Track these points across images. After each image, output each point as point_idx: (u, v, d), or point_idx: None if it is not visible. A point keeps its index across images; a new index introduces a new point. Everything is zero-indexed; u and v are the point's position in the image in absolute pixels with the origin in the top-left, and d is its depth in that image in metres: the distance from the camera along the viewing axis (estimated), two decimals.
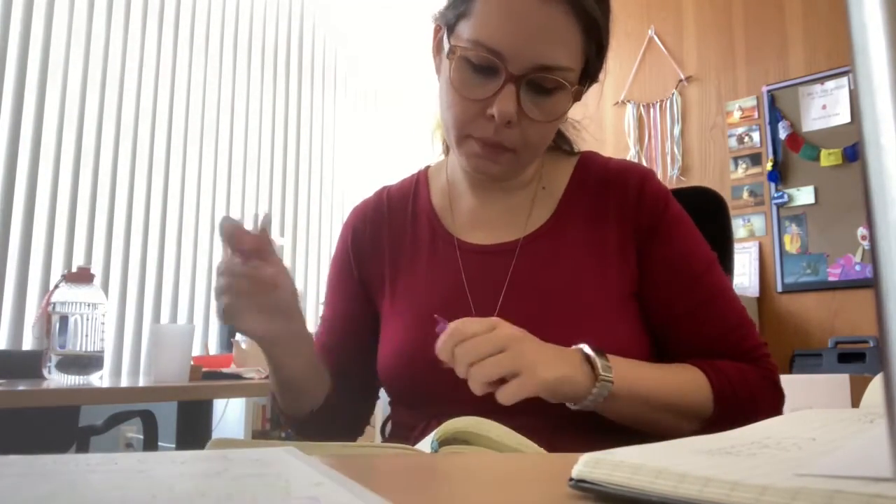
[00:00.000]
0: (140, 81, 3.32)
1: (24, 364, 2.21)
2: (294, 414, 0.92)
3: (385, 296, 0.94)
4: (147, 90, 3.34)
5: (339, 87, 4.20)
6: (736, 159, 3.50)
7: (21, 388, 1.42)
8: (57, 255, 2.97)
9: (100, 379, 1.63)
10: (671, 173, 3.67)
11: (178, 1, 3.51)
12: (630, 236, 0.86)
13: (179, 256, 3.38)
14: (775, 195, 3.33)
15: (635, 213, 0.86)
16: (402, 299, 0.91)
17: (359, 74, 4.25)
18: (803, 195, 3.27)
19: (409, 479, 0.42)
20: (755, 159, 3.44)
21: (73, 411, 2.30)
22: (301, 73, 4.01)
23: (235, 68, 3.71)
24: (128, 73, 3.27)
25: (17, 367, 2.19)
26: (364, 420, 1.01)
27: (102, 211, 3.13)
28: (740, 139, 3.50)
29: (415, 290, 0.91)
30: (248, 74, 3.76)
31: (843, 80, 3.21)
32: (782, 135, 3.34)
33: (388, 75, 4.26)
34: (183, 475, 0.33)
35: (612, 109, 3.91)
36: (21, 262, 2.85)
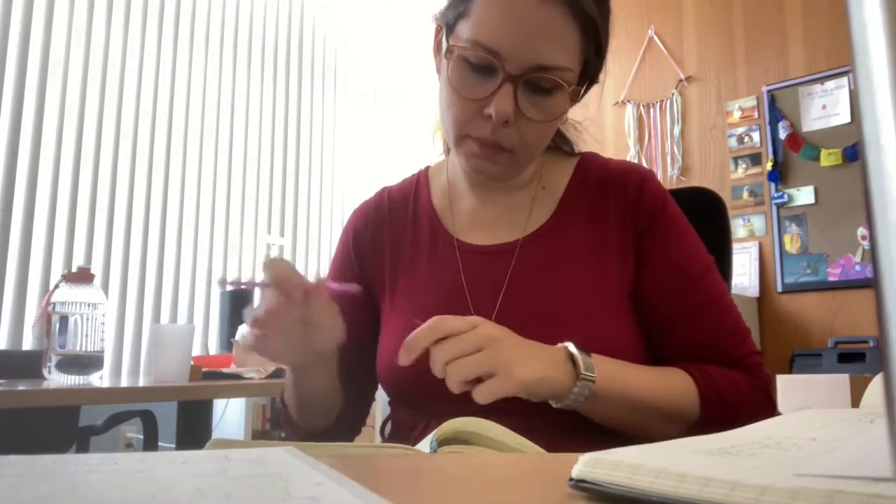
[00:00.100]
0: (140, 81, 3.32)
1: (24, 364, 2.21)
2: (307, 428, 0.92)
3: (385, 296, 0.94)
4: (147, 90, 3.34)
5: (339, 87, 4.20)
6: (736, 159, 3.50)
7: (21, 388, 1.42)
8: (57, 255, 2.97)
9: (100, 379, 1.63)
10: (671, 173, 3.67)
11: (178, 1, 3.51)
12: (629, 236, 0.86)
13: (179, 256, 3.38)
14: (775, 195, 3.33)
15: (634, 212, 0.86)
16: (402, 299, 0.91)
17: (359, 74, 4.26)
18: (803, 195, 3.27)
19: (409, 479, 0.42)
20: (755, 159, 3.44)
21: (73, 411, 2.30)
22: (301, 73, 4.01)
23: (235, 68, 3.71)
24: (128, 73, 3.27)
25: (17, 367, 2.19)
26: (361, 421, 1.01)
27: (102, 211, 3.13)
28: (740, 139, 3.50)
29: (415, 291, 0.91)
30: (248, 74, 3.76)
31: (843, 80, 3.21)
32: (782, 135, 3.34)
33: (388, 75, 4.26)
34: (183, 475, 0.33)
35: (612, 109, 3.91)
36: (21, 262, 2.85)
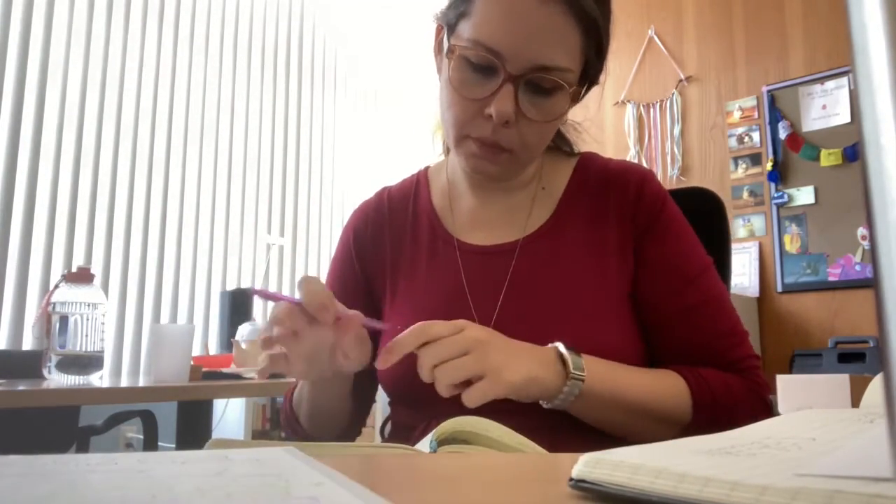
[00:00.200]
0: (140, 81, 3.32)
1: (24, 364, 2.21)
2: (316, 437, 0.91)
3: (386, 296, 0.94)
4: (147, 90, 3.34)
5: (339, 87, 4.20)
6: (736, 159, 3.50)
7: (21, 388, 1.42)
8: (57, 255, 2.97)
9: (100, 379, 1.63)
10: (671, 173, 3.67)
11: (178, 1, 3.51)
12: (629, 236, 0.86)
13: (179, 256, 3.38)
14: (775, 195, 3.33)
15: (634, 212, 0.86)
16: (402, 299, 0.91)
17: (359, 74, 4.26)
18: (803, 195, 3.27)
19: (409, 479, 0.42)
20: (755, 159, 3.44)
21: (73, 411, 2.30)
22: (301, 73, 4.01)
23: (235, 68, 3.71)
24: (128, 73, 3.27)
25: (17, 367, 2.19)
26: (361, 422, 1.01)
27: (102, 211, 3.14)
28: (740, 139, 3.50)
29: (415, 291, 0.91)
30: (248, 74, 3.77)
31: (843, 80, 3.21)
32: (782, 135, 3.34)
33: (388, 75, 4.26)
34: (183, 475, 0.33)
35: (612, 109, 3.91)
36: (21, 262, 2.86)
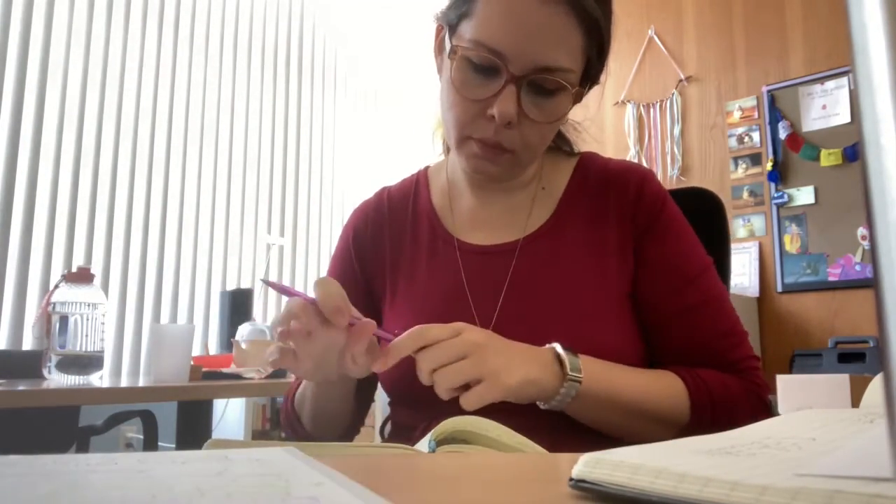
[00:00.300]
0: (140, 81, 3.32)
1: (24, 364, 2.21)
2: (317, 437, 0.91)
3: (386, 296, 0.94)
4: (147, 90, 3.34)
5: (339, 87, 4.20)
6: (736, 159, 3.50)
7: (21, 388, 1.42)
8: (57, 255, 2.97)
9: (100, 379, 1.63)
10: (671, 173, 3.67)
11: (178, 1, 3.51)
12: (629, 236, 0.86)
13: (179, 256, 3.38)
14: (775, 195, 3.33)
15: (634, 212, 0.86)
16: (402, 300, 0.91)
17: (359, 74, 4.26)
18: (803, 195, 3.27)
19: (409, 479, 0.42)
20: (755, 159, 3.44)
21: (73, 411, 2.30)
22: (301, 73, 4.01)
23: (235, 68, 3.71)
24: (128, 73, 3.27)
25: (17, 367, 2.19)
26: (360, 421, 1.01)
27: (102, 211, 3.14)
28: (740, 139, 3.50)
29: (415, 291, 0.91)
30: (248, 74, 3.77)
31: (843, 80, 3.21)
32: (782, 135, 3.34)
33: (388, 75, 4.26)
34: (183, 475, 0.33)
35: (612, 109, 3.91)
36: (21, 262, 2.86)
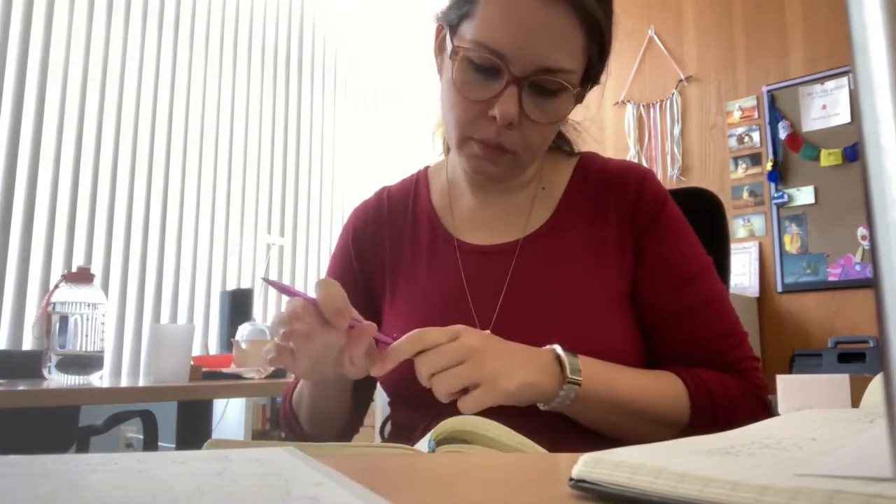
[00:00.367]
0: (140, 81, 3.32)
1: (24, 364, 2.21)
2: (315, 436, 0.91)
3: (385, 296, 0.94)
4: (147, 90, 3.34)
5: (339, 87, 4.20)
6: (736, 159, 3.50)
7: (21, 388, 1.42)
8: (57, 255, 2.97)
9: (100, 379, 1.63)
10: (671, 173, 3.67)
11: (178, 1, 3.51)
12: (628, 236, 0.86)
13: (179, 256, 3.38)
14: (775, 195, 3.33)
15: (634, 212, 0.86)
16: (402, 299, 0.91)
17: (359, 74, 4.26)
18: (803, 195, 3.27)
19: (409, 479, 0.42)
20: (755, 159, 3.44)
21: (73, 411, 2.30)
22: (301, 73, 4.01)
23: (235, 68, 3.71)
24: (128, 73, 3.27)
25: (17, 367, 2.19)
26: (359, 421, 1.01)
27: (102, 211, 3.14)
28: (740, 139, 3.50)
29: (415, 291, 0.91)
30: (248, 74, 3.77)
31: (843, 80, 3.21)
32: (782, 135, 3.34)
33: (388, 75, 4.26)
34: (183, 475, 0.33)
35: (612, 109, 3.91)
36: (21, 262, 2.86)
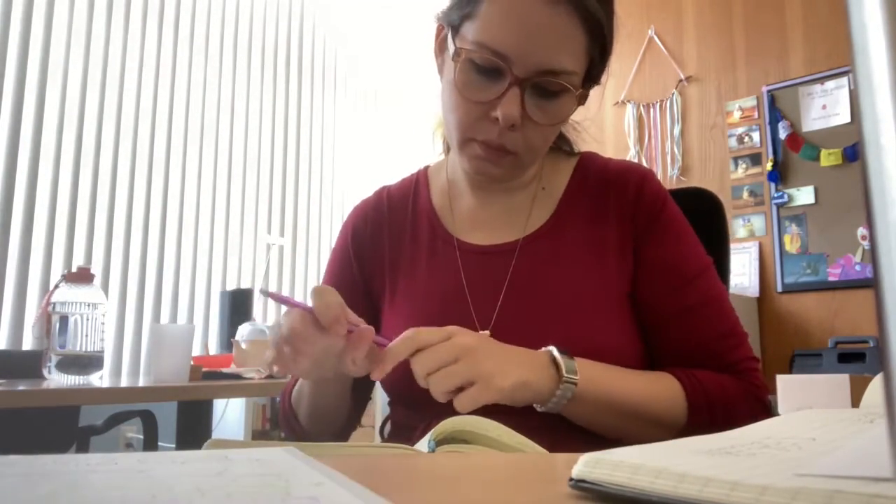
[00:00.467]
0: (140, 81, 3.32)
1: (24, 364, 2.21)
2: (315, 434, 0.91)
3: (385, 295, 0.93)
4: (147, 90, 3.34)
5: (339, 87, 4.20)
6: (736, 159, 3.50)
7: (21, 388, 1.42)
8: (57, 255, 2.97)
9: (100, 379, 1.63)
10: (671, 173, 3.67)
11: (178, 1, 3.51)
12: (628, 236, 0.86)
13: (179, 256, 3.38)
14: (775, 195, 3.33)
15: (633, 212, 0.86)
16: (401, 299, 0.91)
17: (359, 74, 4.26)
18: (803, 195, 3.27)
19: (409, 479, 0.42)
20: (755, 159, 3.44)
21: (73, 411, 2.30)
22: (301, 73, 4.01)
23: (235, 68, 3.71)
24: (128, 73, 3.27)
25: (17, 367, 2.19)
26: (357, 420, 1.00)
27: (102, 211, 3.14)
28: (740, 139, 3.50)
29: (414, 290, 0.90)
30: (248, 74, 3.76)
31: (843, 80, 3.21)
32: (782, 135, 3.34)
33: (388, 75, 4.26)
34: (183, 475, 0.33)
35: (612, 109, 3.91)
36: (21, 262, 2.85)
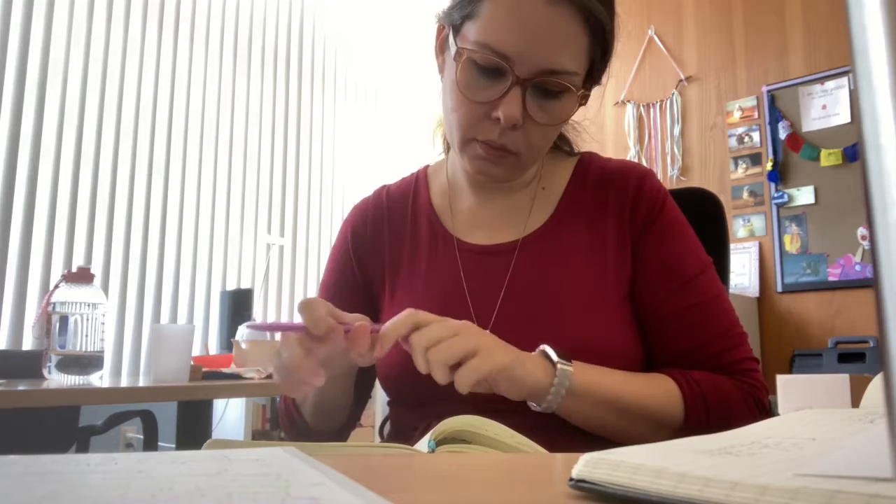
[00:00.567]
0: (140, 81, 3.32)
1: (24, 364, 2.21)
2: (320, 430, 0.91)
3: (384, 294, 0.93)
4: (147, 90, 3.34)
5: (339, 87, 4.20)
6: (736, 159, 3.50)
7: (21, 388, 1.42)
8: (57, 255, 2.97)
9: (100, 379, 1.63)
10: (671, 173, 3.67)
11: (178, 1, 3.51)
12: (627, 235, 0.86)
13: (179, 256, 3.38)
14: (775, 195, 3.34)
15: (632, 210, 0.86)
16: (401, 298, 0.91)
17: (359, 74, 4.26)
18: (803, 195, 3.27)
19: (408, 479, 0.42)
20: (755, 159, 3.44)
21: (73, 411, 2.30)
22: (301, 73, 4.01)
23: (235, 68, 3.71)
24: (128, 73, 3.27)
25: (17, 367, 2.19)
26: (358, 417, 1.00)
27: (102, 211, 3.13)
28: (740, 139, 3.50)
29: (414, 290, 0.90)
30: (248, 74, 3.76)
31: (843, 80, 3.21)
32: (782, 135, 3.34)
33: (388, 75, 4.26)
34: (183, 475, 0.33)
35: (612, 109, 3.91)
36: (21, 262, 2.85)
